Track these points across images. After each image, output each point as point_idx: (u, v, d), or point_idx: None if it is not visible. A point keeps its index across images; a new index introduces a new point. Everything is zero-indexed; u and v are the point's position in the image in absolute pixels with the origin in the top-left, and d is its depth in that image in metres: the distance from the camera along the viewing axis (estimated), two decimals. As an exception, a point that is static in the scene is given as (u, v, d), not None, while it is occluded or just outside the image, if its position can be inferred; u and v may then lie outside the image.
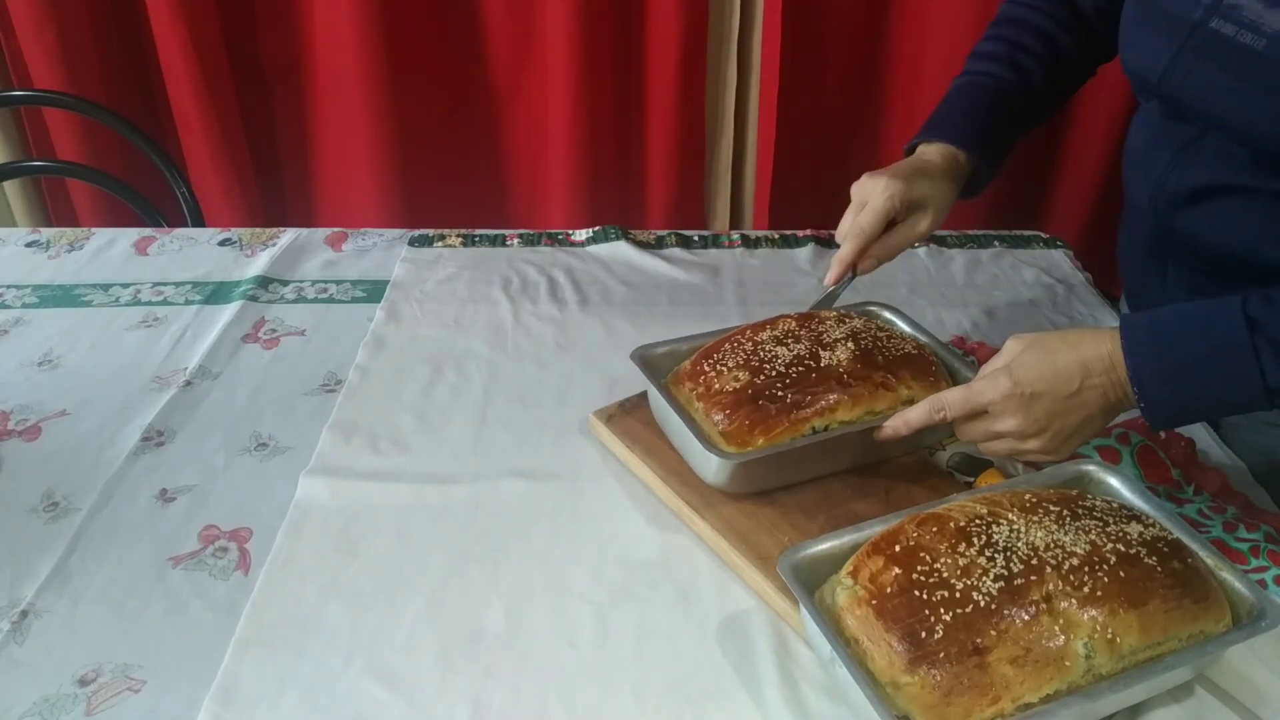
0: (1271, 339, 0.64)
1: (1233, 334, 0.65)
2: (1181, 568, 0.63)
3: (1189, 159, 0.80)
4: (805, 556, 0.66)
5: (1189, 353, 0.67)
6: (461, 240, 1.23)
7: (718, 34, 1.70)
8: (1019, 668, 0.58)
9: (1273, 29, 0.69)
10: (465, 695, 0.65)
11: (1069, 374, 0.69)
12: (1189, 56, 0.75)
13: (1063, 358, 0.69)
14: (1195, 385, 0.67)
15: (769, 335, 0.83)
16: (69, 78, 1.64)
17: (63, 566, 0.75)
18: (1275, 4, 0.69)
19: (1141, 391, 0.68)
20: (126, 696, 0.65)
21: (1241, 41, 0.71)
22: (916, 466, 0.83)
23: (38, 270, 1.17)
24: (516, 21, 1.68)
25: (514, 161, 1.84)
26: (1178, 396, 0.68)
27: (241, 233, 1.25)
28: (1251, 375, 0.65)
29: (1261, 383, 0.65)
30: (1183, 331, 0.67)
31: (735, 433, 0.76)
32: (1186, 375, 0.67)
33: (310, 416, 0.91)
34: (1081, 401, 0.70)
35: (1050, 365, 0.70)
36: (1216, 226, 0.81)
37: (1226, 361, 0.66)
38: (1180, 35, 0.75)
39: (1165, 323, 0.68)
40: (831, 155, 1.82)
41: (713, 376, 0.80)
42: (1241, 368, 0.65)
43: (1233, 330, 0.65)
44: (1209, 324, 0.67)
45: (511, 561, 0.75)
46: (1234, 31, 0.71)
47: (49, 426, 0.91)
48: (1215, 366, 0.66)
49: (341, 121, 1.76)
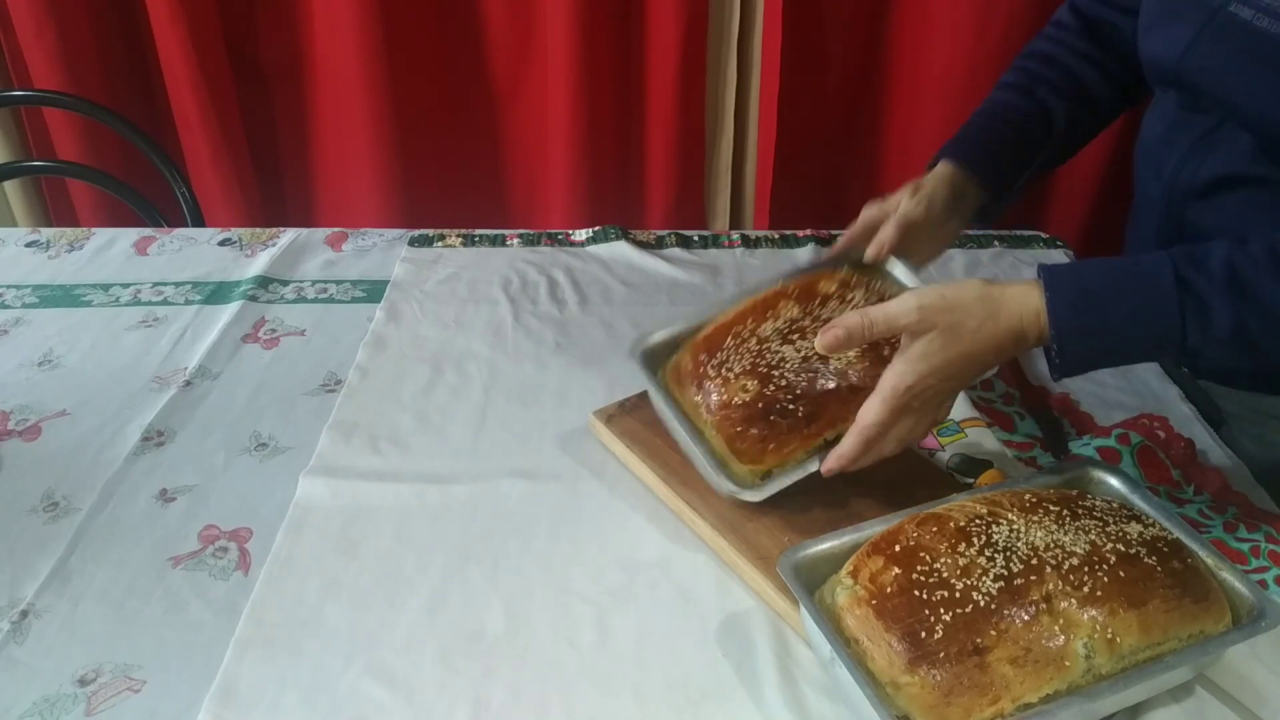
0: (1200, 302, 0.64)
1: (1162, 296, 0.65)
2: (1181, 568, 0.63)
3: (1204, 151, 0.80)
4: (805, 556, 0.66)
5: (1116, 313, 0.66)
6: (461, 240, 1.23)
7: (718, 34, 1.70)
8: (1019, 668, 0.58)
9: None
10: (465, 695, 0.65)
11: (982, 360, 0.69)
12: (1208, 40, 0.75)
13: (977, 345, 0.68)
14: (1116, 343, 0.67)
15: (773, 329, 0.79)
16: (69, 78, 1.64)
17: (63, 566, 0.75)
18: None
19: (1060, 348, 0.67)
20: (126, 696, 0.65)
21: (1259, 25, 0.71)
22: (916, 466, 0.83)
23: (38, 270, 1.17)
24: (516, 22, 1.68)
25: (514, 161, 1.84)
26: (1094, 353, 0.68)
27: (241, 233, 1.25)
28: (1173, 335, 0.65)
29: (1181, 343, 0.65)
30: (1111, 290, 0.66)
31: (748, 450, 0.75)
32: (1110, 334, 0.67)
33: (310, 416, 0.91)
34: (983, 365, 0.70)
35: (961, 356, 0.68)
36: (1229, 219, 0.81)
37: (1152, 323, 0.65)
38: (1200, 19, 0.75)
39: (1092, 280, 0.67)
40: (831, 155, 1.82)
41: (719, 383, 0.77)
42: (1165, 328, 0.65)
43: (1162, 292, 0.65)
44: (1138, 284, 0.66)
45: (511, 561, 0.75)
46: (1252, 15, 0.71)
47: (49, 426, 0.91)
48: (1140, 328, 0.66)
49: (341, 121, 1.75)
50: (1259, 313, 0.64)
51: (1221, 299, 0.64)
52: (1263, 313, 0.64)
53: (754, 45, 1.70)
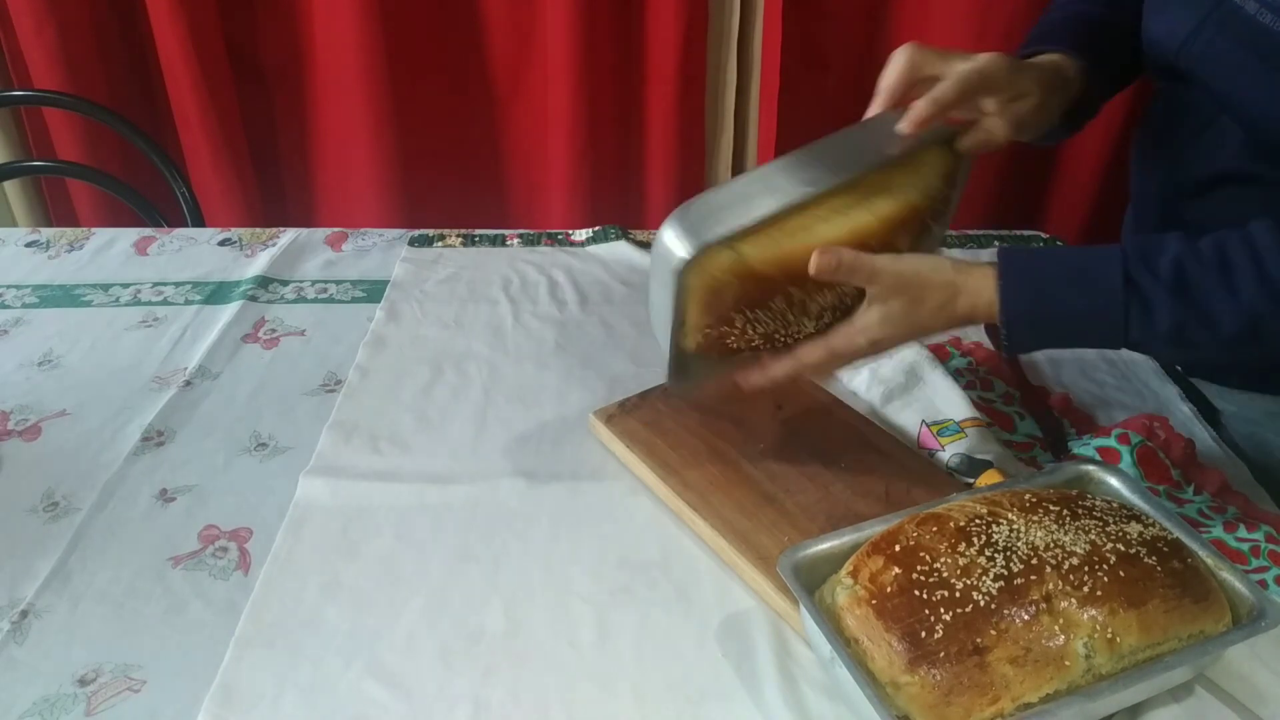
0: (1144, 302, 0.67)
1: (1109, 296, 0.68)
2: (1181, 568, 0.63)
3: (1198, 148, 0.80)
4: (805, 556, 0.66)
5: (1065, 308, 0.69)
6: (461, 240, 1.23)
7: (718, 34, 1.70)
8: (1019, 667, 0.58)
9: None
10: (465, 695, 0.65)
11: (929, 333, 0.73)
12: (1210, 30, 0.75)
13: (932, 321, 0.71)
14: (1062, 334, 0.71)
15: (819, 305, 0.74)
16: (69, 78, 1.64)
17: (63, 566, 0.75)
18: None
19: (1009, 333, 0.70)
20: (126, 696, 0.65)
21: (1261, 21, 0.71)
22: (916, 466, 0.83)
23: (38, 270, 1.17)
24: (517, 22, 1.68)
25: (514, 161, 1.84)
26: (1040, 339, 0.72)
27: (241, 233, 1.25)
28: (1116, 330, 0.68)
29: (1124, 337, 0.68)
30: (1062, 287, 0.69)
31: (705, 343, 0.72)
32: (1056, 325, 0.70)
33: (310, 416, 0.91)
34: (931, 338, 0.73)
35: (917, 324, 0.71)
36: (1226, 217, 0.80)
37: (1097, 319, 0.69)
38: (1205, 7, 0.75)
39: (1046, 274, 0.70)
40: (831, 155, 1.82)
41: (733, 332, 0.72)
42: (1109, 324, 0.68)
43: (1110, 293, 0.68)
44: (1089, 283, 0.69)
45: (511, 561, 0.75)
46: (1256, 10, 0.71)
47: (49, 426, 0.91)
48: (1086, 321, 0.69)
49: (341, 121, 1.75)
50: (1196, 316, 0.67)
51: (1164, 299, 0.67)
52: (1200, 317, 0.67)
53: (754, 45, 1.70)
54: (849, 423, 0.88)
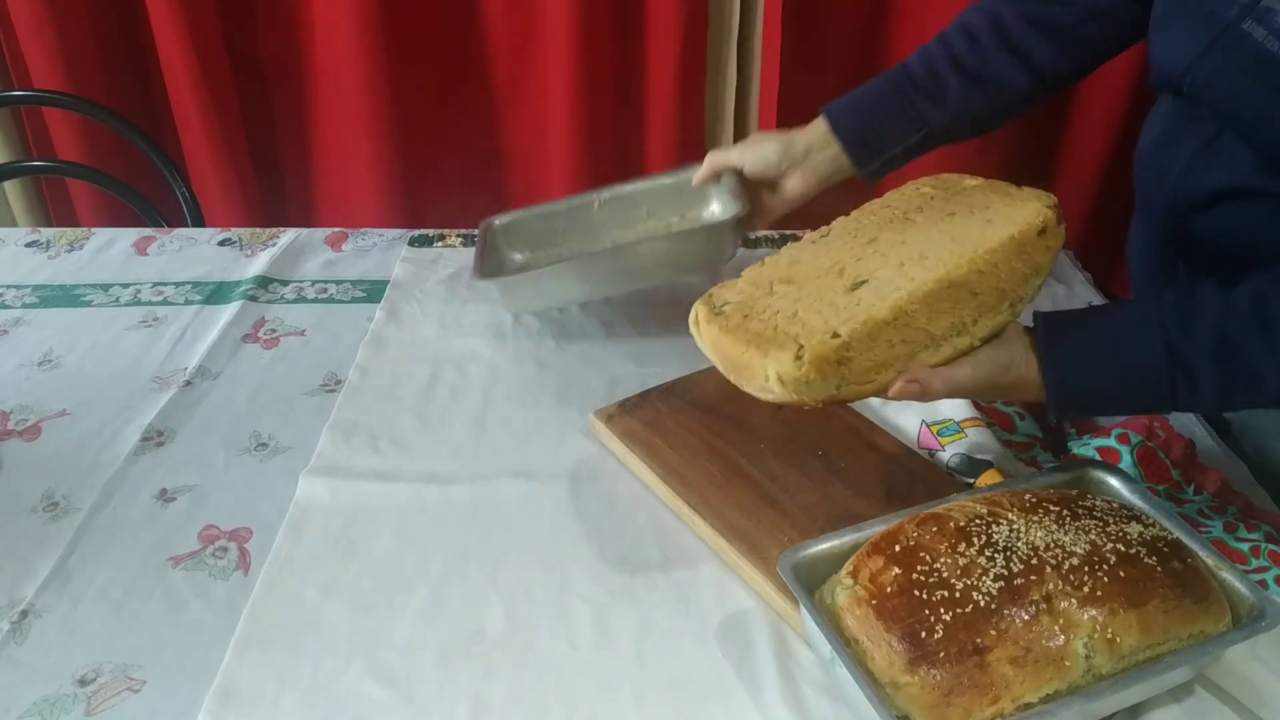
0: (1189, 372, 0.67)
1: (1152, 365, 0.68)
2: (1181, 568, 0.63)
3: (1205, 162, 0.80)
4: (805, 556, 0.66)
5: (1109, 381, 0.70)
6: (461, 240, 1.23)
7: (718, 34, 1.70)
8: (1019, 668, 0.58)
9: None
10: (465, 695, 0.65)
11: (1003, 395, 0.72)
12: (1217, 55, 0.74)
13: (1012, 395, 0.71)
14: (1108, 406, 0.72)
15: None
16: (69, 78, 1.64)
17: (63, 566, 0.75)
18: None
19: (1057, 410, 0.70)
20: (126, 696, 0.65)
21: (1269, 48, 0.70)
22: (916, 466, 0.83)
23: (38, 270, 1.17)
24: (516, 21, 1.68)
25: (514, 161, 1.84)
26: (1088, 411, 0.73)
27: (241, 233, 1.25)
28: (1162, 400, 0.69)
29: (1170, 404, 0.68)
30: (1106, 362, 0.69)
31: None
32: (1102, 399, 0.71)
33: (310, 416, 0.91)
34: None
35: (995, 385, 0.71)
36: (1233, 230, 0.80)
37: (1142, 390, 0.69)
38: (1212, 32, 0.74)
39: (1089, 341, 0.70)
40: (831, 155, 1.82)
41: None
42: (1154, 394, 0.68)
43: (1154, 364, 0.68)
44: (1129, 349, 0.69)
45: (511, 561, 0.75)
46: (1263, 36, 0.71)
47: (49, 426, 0.91)
48: (1131, 392, 0.70)
49: (341, 121, 1.75)
50: (1244, 376, 0.67)
51: (1209, 365, 0.67)
52: (1247, 376, 0.66)
53: (754, 45, 1.70)
54: (849, 423, 0.88)
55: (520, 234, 1.12)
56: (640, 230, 1.11)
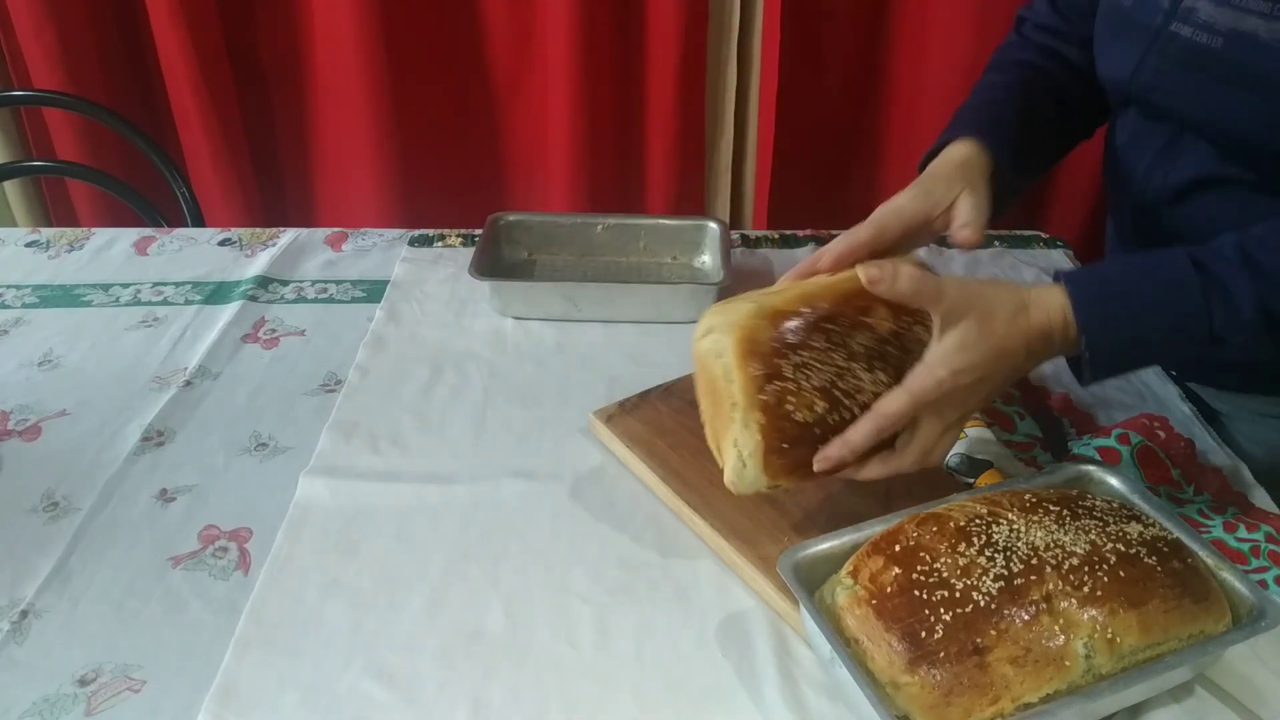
0: (1220, 284, 0.65)
1: (1182, 280, 0.65)
2: (1181, 568, 0.63)
3: (1170, 158, 0.82)
4: (805, 556, 0.66)
5: (1139, 300, 0.66)
6: (461, 240, 1.23)
7: (718, 34, 1.70)
8: (1019, 668, 0.58)
9: (1225, 27, 0.72)
10: (465, 695, 0.65)
11: (1014, 358, 0.67)
12: (1154, 59, 0.78)
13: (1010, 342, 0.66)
14: (1144, 332, 0.67)
15: (862, 345, 0.70)
16: (69, 78, 1.64)
17: (63, 566, 0.75)
18: (1223, 3, 0.72)
19: (1090, 340, 0.66)
20: (126, 696, 0.65)
21: (1199, 41, 0.74)
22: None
23: (38, 270, 1.17)
24: (516, 22, 1.68)
25: (514, 161, 1.84)
26: (1124, 346, 0.67)
27: (241, 233, 1.25)
28: (1200, 318, 0.65)
29: (1208, 326, 0.65)
30: (1132, 279, 0.67)
31: (779, 466, 0.69)
32: (1136, 323, 0.67)
33: (310, 416, 0.91)
34: (1014, 367, 0.68)
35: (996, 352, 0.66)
36: (1202, 221, 0.81)
37: (1176, 307, 0.66)
38: (1145, 40, 0.78)
39: (1111, 272, 0.68)
40: (831, 155, 1.82)
41: (789, 388, 0.68)
42: (1190, 311, 0.65)
43: (1182, 276, 0.66)
44: (1156, 269, 0.67)
45: (511, 561, 0.75)
46: (1191, 33, 0.74)
47: (49, 426, 0.91)
48: (1165, 313, 0.66)
49: (341, 121, 1.75)
50: (1274, 284, 0.65)
51: (1240, 277, 0.65)
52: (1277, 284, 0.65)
53: (754, 45, 1.70)
54: (849, 423, 0.87)
55: (523, 233, 1.17)
56: (633, 260, 1.17)
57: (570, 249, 1.17)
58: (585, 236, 1.17)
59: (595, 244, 1.17)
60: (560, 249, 1.18)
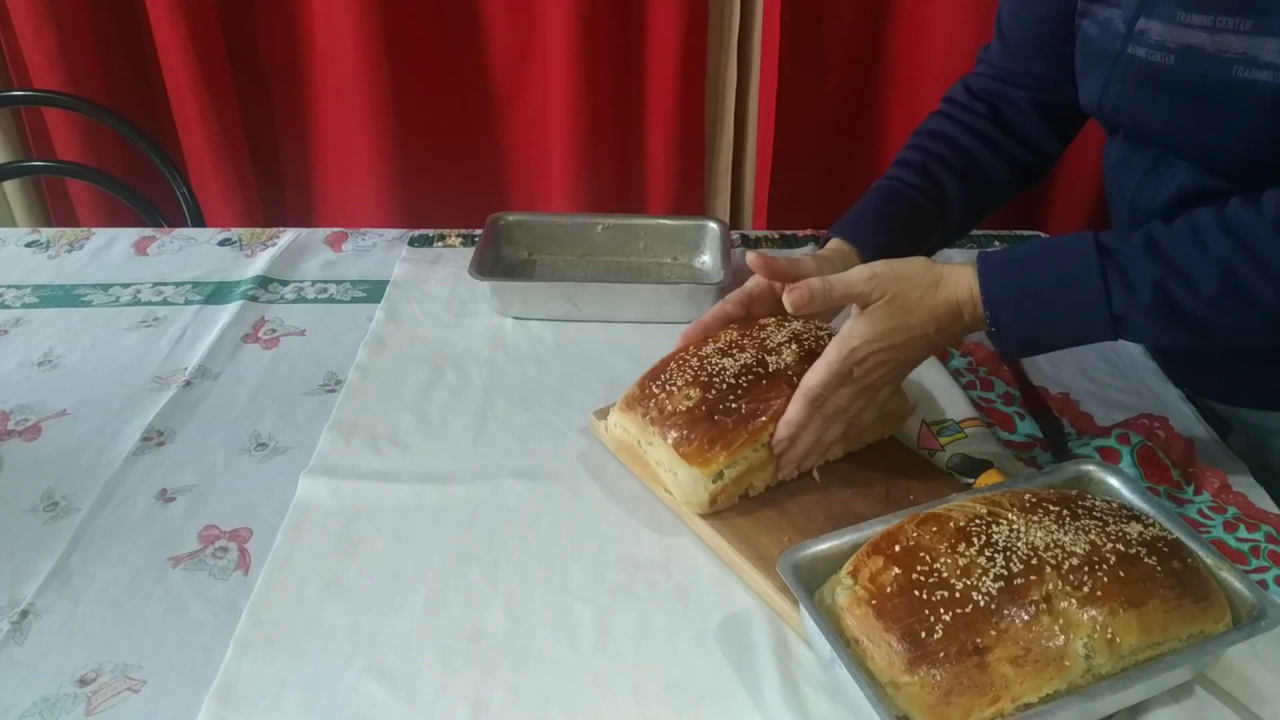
0: (1120, 267, 0.69)
1: (1084, 261, 0.70)
2: (1181, 568, 0.63)
3: (1155, 177, 0.85)
4: (805, 556, 0.66)
5: (1043, 279, 0.71)
6: (461, 240, 1.23)
7: (718, 34, 1.70)
8: (1019, 668, 0.58)
9: (1176, 44, 0.75)
10: (465, 695, 0.65)
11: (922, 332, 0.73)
12: (1117, 83, 0.81)
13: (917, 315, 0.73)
14: (1046, 311, 0.71)
15: (713, 349, 0.81)
16: (69, 78, 1.64)
17: (63, 566, 0.75)
18: (1172, 21, 0.75)
19: (994, 317, 0.72)
20: (126, 696, 0.65)
21: (1154, 60, 0.77)
22: (916, 466, 0.83)
23: (38, 270, 1.17)
24: (516, 22, 1.68)
25: (514, 161, 1.84)
26: (1028, 322, 0.72)
27: (241, 233, 1.25)
28: (1099, 301, 0.69)
29: (1108, 309, 0.69)
30: (1038, 259, 0.72)
31: (696, 453, 0.75)
32: (1038, 300, 0.71)
33: (310, 416, 0.91)
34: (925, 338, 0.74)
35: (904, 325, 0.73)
36: None
37: (1078, 287, 0.70)
38: (1108, 66, 0.82)
39: (1020, 252, 0.73)
40: (831, 155, 1.82)
41: (663, 398, 0.78)
42: (1090, 293, 0.70)
43: (1084, 258, 0.70)
44: (1062, 253, 0.71)
45: (511, 561, 0.75)
46: (1146, 53, 0.78)
47: (49, 426, 0.91)
48: (1067, 292, 0.70)
49: (341, 121, 1.76)
50: (1174, 275, 0.68)
51: (1139, 262, 0.69)
52: (1178, 275, 0.68)
53: (754, 45, 1.70)
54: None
55: (523, 233, 1.17)
56: (633, 260, 1.18)
57: (570, 249, 1.18)
58: (585, 236, 1.17)
59: (595, 244, 1.17)
60: (560, 249, 1.18)
